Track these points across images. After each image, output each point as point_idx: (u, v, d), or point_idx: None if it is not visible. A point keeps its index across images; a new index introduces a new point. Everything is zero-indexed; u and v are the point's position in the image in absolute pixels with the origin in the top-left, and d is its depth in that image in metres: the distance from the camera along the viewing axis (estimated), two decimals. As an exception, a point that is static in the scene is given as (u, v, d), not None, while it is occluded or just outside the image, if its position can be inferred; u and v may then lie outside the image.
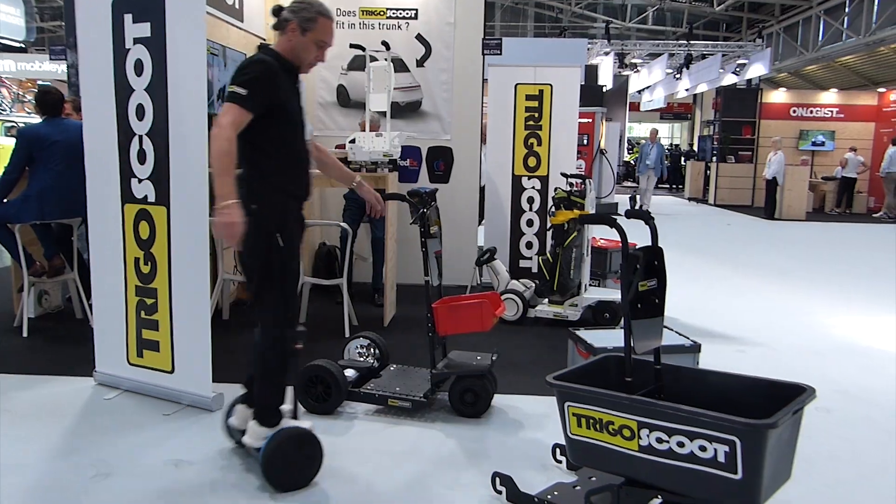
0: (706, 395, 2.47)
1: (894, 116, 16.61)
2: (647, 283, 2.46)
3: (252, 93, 2.59)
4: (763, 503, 2.15)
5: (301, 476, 2.76)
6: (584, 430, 2.40)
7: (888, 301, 6.70)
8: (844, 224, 14.27)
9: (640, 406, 2.25)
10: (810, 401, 2.26)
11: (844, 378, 4.36)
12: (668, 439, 2.19)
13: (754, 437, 2.04)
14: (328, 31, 2.77)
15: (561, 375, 2.53)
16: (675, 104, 36.28)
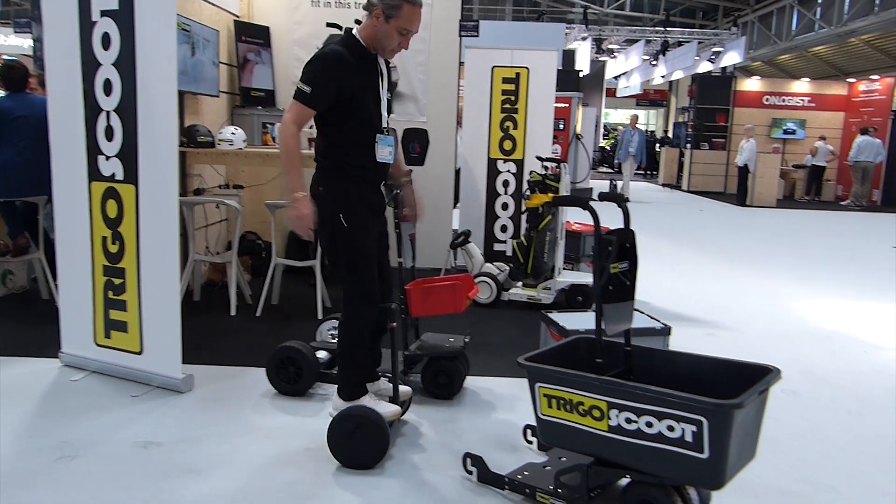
0: (675, 376, 2.51)
1: (863, 106, 16.85)
2: (619, 266, 2.48)
3: (315, 90, 2.65)
4: (728, 481, 2.18)
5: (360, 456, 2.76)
6: (554, 411, 2.41)
7: (853, 286, 6.83)
8: (813, 211, 14.50)
9: (610, 387, 2.27)
10: (776, 381, 2.29)
11: (810, 360, 4.44)
12: (636, 419, 2.21)
13: (721, 416, 2.06)
14: (413, 18, 2.72)
15: (532, 357, 2.55)
16: (651, 91, 36.47)
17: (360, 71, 2.75)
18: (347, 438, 2.75)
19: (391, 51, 2.79)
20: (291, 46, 6.56)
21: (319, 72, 2.68)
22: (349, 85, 2.71)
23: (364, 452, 2.76)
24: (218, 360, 3.96)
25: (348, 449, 2.76)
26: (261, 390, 3.51)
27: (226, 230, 6.07)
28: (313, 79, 2.67)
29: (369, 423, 2.75)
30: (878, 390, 3.96)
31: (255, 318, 4.83)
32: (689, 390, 2.21)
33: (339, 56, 2.71)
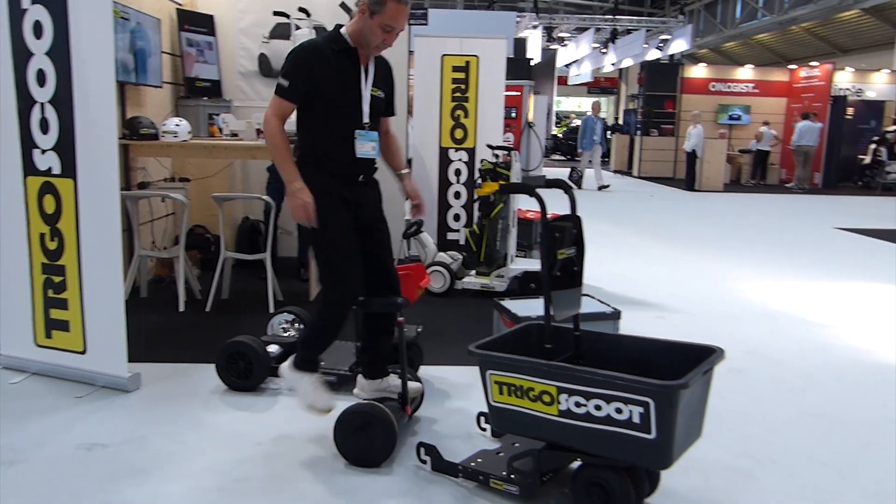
0: (624, 359, 2.54)
1: (804, 92, 17.34)
2: (567, 252, 2.50)
3: (292, 83, 2.69)
4: (675, 460, 2.23)
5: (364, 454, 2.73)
6: (505, 398, 2.43)
7: (796, 267, 7.05)
8: (759, 195, 14.90)
9: (559, 372, 2.30)
10: (719, 361, 2.34)
11: (754, 340, 4.57)
12: (586, 403, 2.25)
13: (666, 397, 2.11)
14: (398, 15, 2.69)
15: (483, 344, 2.56)
16: (602, 78, 36.86)
17: (335, 64, 2.74)
18: (353, 435, 2.73)
19: (375, 47, 2.77)
20: (237, 35, 6.43)
21: (293, 64, 2.71)
22: (321, 76, 2.71)
23: (371, 449, 2.72)
24: (166, 358, 3.87)
25: (355, 446, 2.73)
26: (211, 387, 3.45)
27: (173, 224, 5.93)
28: (289, 72, 2.70)
29: (377, 421, 2.71)
30: (819, 367, 4.09)
31: (204, 314, 4.74)
32: (638, 373, 2.25)
33: (313, 47, 2.74)
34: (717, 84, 18.30)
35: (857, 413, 3.44)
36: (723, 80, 18.44)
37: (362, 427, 2.71)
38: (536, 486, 2.43)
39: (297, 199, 2.68)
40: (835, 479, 2.77)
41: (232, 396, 3.37)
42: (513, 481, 2.46)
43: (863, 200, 14.23)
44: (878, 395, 3.70)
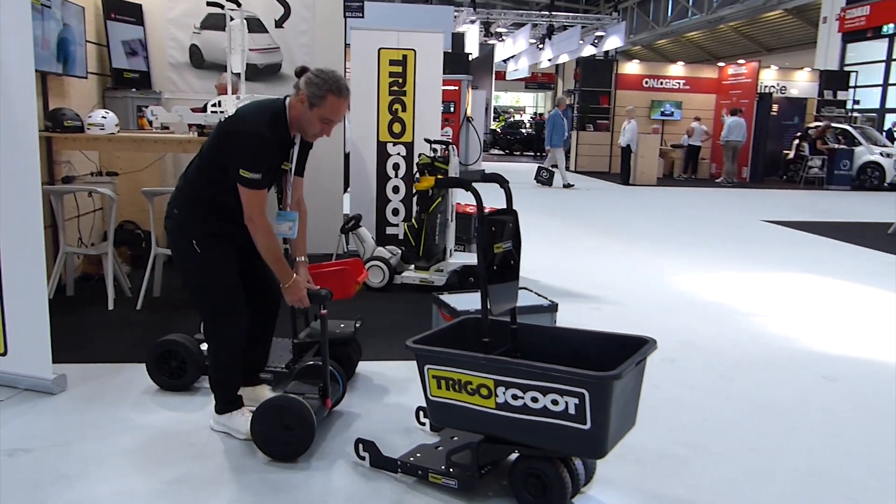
0: (560, 351, 2.58)
1: (732, 89, 17.93)
2: (503, 246, 2.51)
3: (262, 173, 2.65)
4: (610, 450, 2.27)
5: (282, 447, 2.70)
6: (443, 392, 2.44)
7: (726, 258, 7.29)
8: (690, 189, 15.35)
9: (497, 365, 2.31)
10: (652, 351, 2.40)
11: (687, 330, 4.71)
12: (523, 395, 2.27)
13: (600, 388, 2.15)
14: (336, 109, 2.69)
15: (420, 339, 2.56)
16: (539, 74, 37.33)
17: (279, 148, 2.77)
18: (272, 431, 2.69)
19: (312, 135, 2.79)
20: (166, 25, 6.24)
21: (254, 155, 2.64)
22: (272, 160, 2.74)
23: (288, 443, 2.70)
24: (94, 358, 3.73)
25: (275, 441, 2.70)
26: (141, 387, 3.34)
27: (101, 220, 5.71)
28: (253, 163, 2.63)
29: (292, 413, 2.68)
30: (748, 355, 4.25)
31: (135, 312, 4.59)
32: (574, 365, 2.28)
33: (266, 136, 2.67)
34: (650, 80, 18.73)
35: (783, 398, 3.58)
36: (655, 76, 18.89)
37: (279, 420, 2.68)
38: (475, 479, 2.44)
39: (295, 294, 2.77)
40: (763, 463, 2.87)
41: (163, 396, 3.28)
42: (451, 475, 2.46)
43: (787, 194, 14.83)
44: (802, 380, 3.86)
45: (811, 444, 3.06)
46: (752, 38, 28.18)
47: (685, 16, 29.61)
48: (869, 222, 10.46)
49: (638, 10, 33.11)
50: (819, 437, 3.13)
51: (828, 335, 4.70)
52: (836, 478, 2.77)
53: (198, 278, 2.83)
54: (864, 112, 19.56)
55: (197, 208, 2.79)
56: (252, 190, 2.65)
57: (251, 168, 2.62)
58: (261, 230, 2.68)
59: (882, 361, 4.20)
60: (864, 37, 20.12)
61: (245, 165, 2.62)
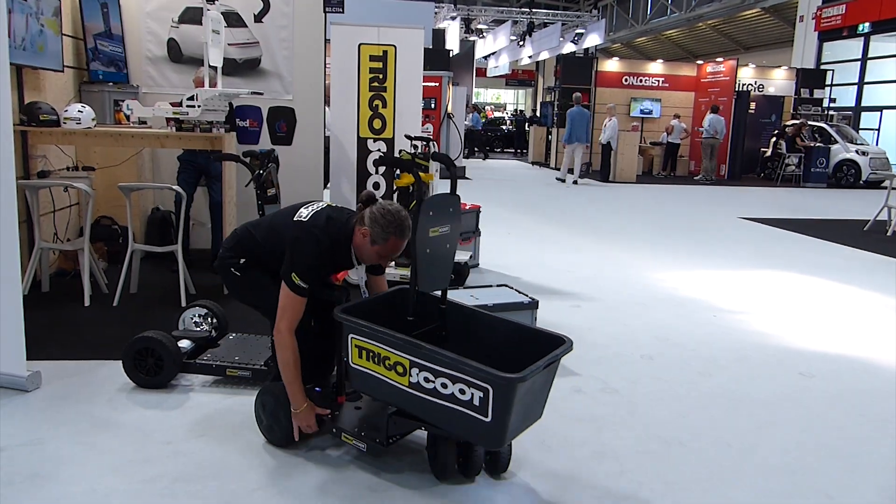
0: (485, 337, 2.72)
1: (710, 87, 18.08)
2: (440, 230, 2.61)
3: (310, 285, 2.69)
4: (507, 442, 2.42)
5: None
6: (364, 362, 2.55)
7: (704, 255, 7.36)
8: (669, 186, 15.47)
9: (412, 347, 2.40)
10: (565, 354, 2.46)
11: (665, 326, 4.75)
12: (433, 380, 2.37)
13: (504, 388, 2.23)
14: (396, 249, 2.74)
15: (349, 308, 2.65)
16: (520, 71, 37.36)
17: (334, 268, 2.92)
18: (263, 416, 2.81)
19: (368, 263, 2.88)
20: (144, 19, 6.15)
21: (314, 267, 2.71)
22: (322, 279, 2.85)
23: (278, 428, 2.78)
24: (69, 355, 3.68)
25: (269, 425, 2.81)
26: (117, 385, 3.30)
27: (77, 215, 5.64)
28: (309, 272, 2.68)
29: (283, 398, 2.73)
30: (724, 351, 4.29)
31: (111, 308, 4.53)
32: (496, 353, 2.43)
33: (327, 255, 2.74)
34: (629, 78, 18.84)
35: (758, 394, 3.62)
36: (635, 74, 19.00)
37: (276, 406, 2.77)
38: (382, 447, 2.56)
39: (304, 421, 2.70)
40: (738, 457, 2.91)
41: (140, 394, 3.24)
42: (362, 438, 2.59)
43: (764, 191, 15.01)
44: (779, 377, 3.91)
45: (786, 439, 3.10)
46: (730, 37, 28.43)
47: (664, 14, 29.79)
48: (845, 219, 10.61)
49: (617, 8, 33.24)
50: (794, 433, 3.17)
51: (804, 332, 4.76)
52: (810, 473, 2.81)
53: (250, 292, 2.97)
54: (840, 110, 19.83)
55: (239, 247, 2.95)
56: (293, 294, 2.68)
57: (303, 275, 2.67)
58: (284, 344, 2.69)
59: (857, 358, 4.27)
60: (840, 35, 20.38)
61: (298, 271, 2.67)
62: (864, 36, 19.73)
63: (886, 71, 19.09)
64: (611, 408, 3.31)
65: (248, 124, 6.32)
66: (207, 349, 3.50)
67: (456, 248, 2.72)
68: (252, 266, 2.93)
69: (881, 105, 19.73)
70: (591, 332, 4.52)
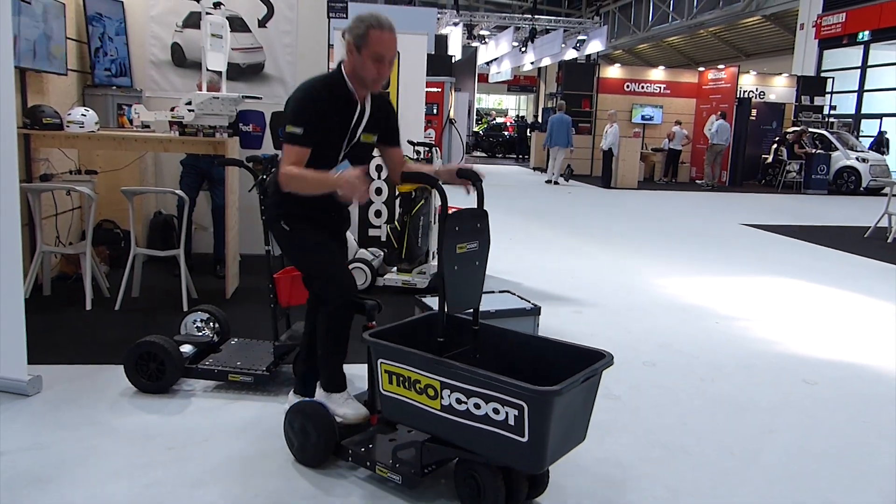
0: (521, 357, 2.58)
1: (712, 94, 18.12)
2: (467, 246, 2.49)
3: (306, 130, 2.59)
4: (548, 465, 2.28)
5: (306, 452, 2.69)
6: (395, 387, 2.45)
7: (706, 261, 7.36)
8: (671, 192, 15.47)
9: (442, 367, 2.30)
10: (605, 368, 2.34)
11: (668, 332, 4.74)
12: (466, 401, 2.25)
13: (540, 402, 2.10)
14: (383, 43, 2.59)
15: (379, 332, 2.57)
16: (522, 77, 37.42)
17: (336, 109, 2.69)
18: (296, 434, 2.70)
19: (373, 81, 2.67)
20: (148, 23, 6.17)
21: (304, 110, 2.61)
22: (329, 117, 2.66)
23: (307, 448, 2.68)
24: (71, 359, 3.68)
25: (297, 443, 2.70)
26: (119, 389, 3.30)
27: (79, 219, 5.64)
28: (301, 118, 2.60)
29: (316, 419, 2.65)
30: (727, 358, 4.28)
31: (113, 313, 4.53)
32: (533, 373, 2.27)
33: (319, 93, 2.65)
34: (631, 84, 18.88)
35: (760, 400, 3.61)
36: (636, 80, 19.05)
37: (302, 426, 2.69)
38: (419, 478, 2.44)
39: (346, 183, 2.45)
40: (741, 464, 2.90)
41: (142, 399, 3.23)
42: (396, 470, 2.48)
43: (765, 197, 15.01)
44: (782, 383, 3.90)
45: (789, 446, 3.09)
46: (731, 44, 28.49)
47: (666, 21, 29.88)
48: (846, 226, 10.61)
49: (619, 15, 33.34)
50: (797, 440, 3.16)
51: (807, 339, 4.76)
52: (813, 479, 2.80)
53: (297, 254, 2.82)
54: (841, 117, 19.85)
55: (280, 194, 2.74)
56: (290, 145, 2.58)
57: (295, 122, 2.58)
58: (288, 175, 2.58)
59: (860, 364, 4.26)
60: (840, 43, 20.42)
61: (291, 120, 2.59)
62: (864, 44, 19.77)
63: (886, 79, 19.12)
64: (613, 414, 3.30)
65: (251, 129, 6.34)
66: (209, 354, 3.50)
67: (486, 266, 2.57)
68: (301, 218, 2.76)
69: (881, 112, 19.76)
70: (593, 338, 4.51)
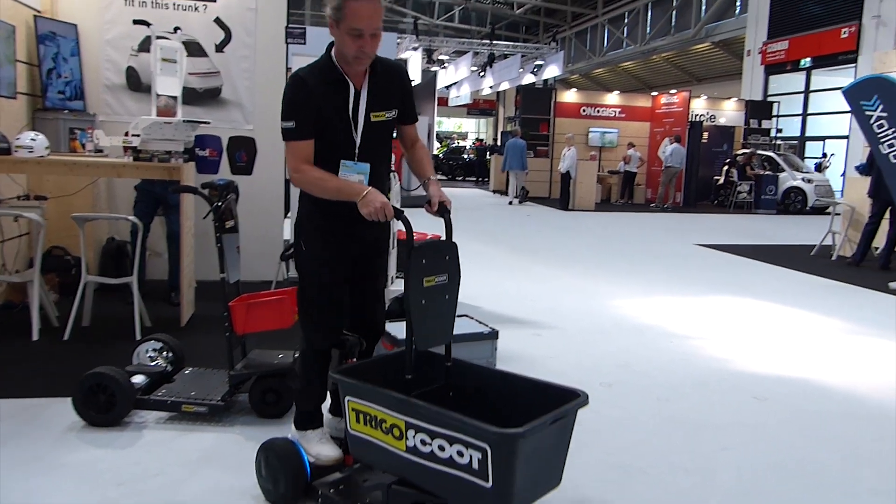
0: (496, 395, 2.47)
1: (665, 117, 18.57)
2: (435, 279, 2.37)
3: (298, 121, 2.46)
4: None
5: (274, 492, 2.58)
6: (362, 427, 2.31)
7: (662, 282, 7.49)
8: (628, 213, 15.75)
9: (406, 406, 2.18)
10: (579, 408, 2.24)
11: (624, 353, 4.80)
12: (430, 442, 2.13)
13: (503, 445, 1.97)
14: (359, 14, 2.39)
15: (347, 369, 2.45)
16: (481, 100, 37.87)
17: (326, 93, 2.51)
18: (263, 471, 2.60)
19: (355, 58, 2.47)
20: (103, 47, 6.09)
21: (288, 102, 2.48)
22: (316, 103, 2.49)
23: (277, 487, 2.56)
24: (15, 392, 3.56)
25: (267, 483, 2.59)
26: (67, 423, 3.20)
27: (27, 246, 5.49)
28: (288, 111, 2.47)
29: (288, 458, 2.54)
30: (683, 377, 4.35)
31: (61, 343, 4.41)
32: (508, 412, 2.20)
33: (300, 80, 2.49)
34: (587, 108, 19.25)
35: (715, 419, 3.68)
36: (592, 104, 19.43)
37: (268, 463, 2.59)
38: None
39: (369, 206, 2.34)
40: (697, 483, 2.94)
41: (91, 433, 3.14)
42: None
43: (718, 217, 15.38)
44: (734, 401, 3.98)
45: (743, 463, 3.15)
46: (683, 69, 29.30)
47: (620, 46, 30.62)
48: (793, 244, 10.93)
49: (576, 41, 34.05)
50: (750, 456, 3.22)
51: (758, 356, 4.87)
52: (766, 495, 2.85)
53: (301, 279, 2.70)
54: (787, 140, 20.54)
55: (305, 201, 2.65)
56: (288, 142, 2.48)
57: (285, 116, 2.46)
58: (303, 176, 2.47)
59: (808, 380, 4.37)
60: (785, 69, 21.19)
61: (282, 116, 2.47)
62: (807, 70, 20.55)
63: (828, 103, 19.87)
64: (571, 437, 3.32)
65: (208, 154, 6.28)
66: (162, 384, 3.42)
67: (457, 299, 2.48)
68: (320, 234, 2.61)
69: (825, 135, 20.50)
70: (552, 360, 4.55)
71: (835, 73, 19.59)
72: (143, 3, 6.09)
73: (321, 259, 2.64)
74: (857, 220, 9.46)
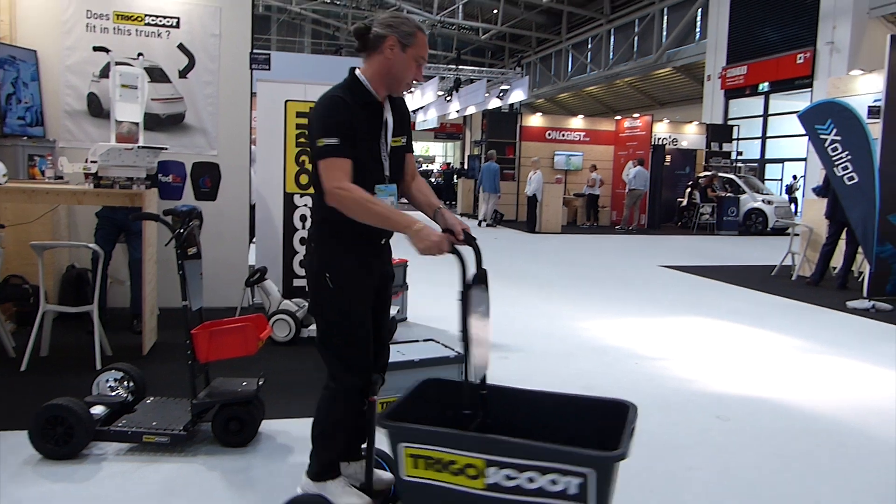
0: (530, 416, 2.46)
1: (628, 141, 18.91)
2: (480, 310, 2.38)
3: (342, 138, 2.36)
4: None
5: None
6: (421, 471, 2.19)
7: (626, 303, 7.58)
8: (593, 236, 15.94)
9: (490, 444, 2.11)
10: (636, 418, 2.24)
11: (590, 375, 4.84)
12: (517, 476, 2.07)
13: (607, 468, 2.00)
14: (426, 45, 2.51)
15: (391, 413, 2.30)
16: (448, 124, 38.15)
17: (363, 117, 2.47)
18: None
19: (406, 84, 2.52)
20: (63, 73, 6.03)
21: (333, 118, 2.39)
22: (360, 129, 2.44)
23: None
24: (-30, 427, 3.46)
25: None
26: (23, 457, 3.11)
27: (-17, 275, 5.36)
28: (331, 127, 2.37)
29: None
30: (647, 397, 4.39)
31: (18, 374, 4.30)
32: (547, 432, 2.18)
33: (343, 100, 2.43)
34: (552, 132, 19.52)
35: (679, 439, 3.72)
36: (557, 128, 19.71)
37: None
38: None
39: (426, 240, 2.33)
40: (663, 503, 2.97)
41: (48, 466, 3.06)
42: None
43: (681, 239, 15.64)
44: (698, 421, 4.03)
45: (707, 483, 3.19)
46: (645, 93, 29.94)
47: (584, 71, 31.21)
48: (755, 265, 11.15)
49: (540, 65, 34.61)
50: (714, 476, 3.26)
51: (720, 376, 4.94)
52: (728, 516, 2.89)
53: (328, 317, 2.51)
54: (747, 162, 21.06)
55: (325, 229, 2.51)
56: (329, 158, 2.34)
57: (327, 133, 2.35)
58: (344, 197, 2.32)
59: (769, 399, 4.45)
60: (744, 94, 21.80)
61: (321, 132, 2.35)
62: (765, 94, 21.18)
63: (786, 126, 20.46)
64: (538, 460, 3.33)
65: (172, 179, 6.23)
66: (123, 414, 3.36)
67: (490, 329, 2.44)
68: (350, 269, 2.49)
69: (784, 157, 21.08)
70: (520, 383, 4.53)
71: (792, 98, 20.23)
72: (104, 29, 6.06)
73: (356, 296, 2.52)
74: (815, 240, 9.70)
